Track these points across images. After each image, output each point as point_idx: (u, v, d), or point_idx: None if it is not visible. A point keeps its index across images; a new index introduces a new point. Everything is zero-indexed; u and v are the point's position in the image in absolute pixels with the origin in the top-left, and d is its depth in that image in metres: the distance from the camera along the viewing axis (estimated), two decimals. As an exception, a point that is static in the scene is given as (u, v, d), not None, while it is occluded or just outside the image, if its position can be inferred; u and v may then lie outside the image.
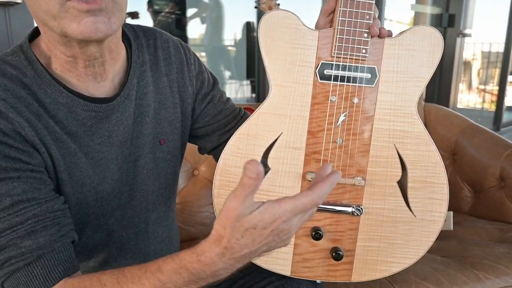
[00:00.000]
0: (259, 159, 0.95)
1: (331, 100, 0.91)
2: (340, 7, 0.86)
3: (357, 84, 0.90)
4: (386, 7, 3.36)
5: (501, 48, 4.65)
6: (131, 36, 0.91)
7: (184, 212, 1.75)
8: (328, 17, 0.91)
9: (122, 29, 0.89)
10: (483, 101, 5.44)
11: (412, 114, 0.92)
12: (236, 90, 3.78)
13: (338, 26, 0.87)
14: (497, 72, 4.93)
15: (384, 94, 0.91)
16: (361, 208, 0.93)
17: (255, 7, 2.10)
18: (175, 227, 1.13)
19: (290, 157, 0.94)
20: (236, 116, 1.08)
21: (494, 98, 4.88)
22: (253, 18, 3.04)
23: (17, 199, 0.71)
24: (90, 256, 0.92)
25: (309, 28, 0.89)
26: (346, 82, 0.90)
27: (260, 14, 2.64)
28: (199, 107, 1.03)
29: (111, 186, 0.88)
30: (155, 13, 2.85)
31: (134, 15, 3.01)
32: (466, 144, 1.87)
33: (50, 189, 0.76)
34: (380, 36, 0.88)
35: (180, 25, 2.90)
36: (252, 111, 1.96)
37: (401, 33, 0.90)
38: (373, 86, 0.90)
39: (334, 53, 0.89)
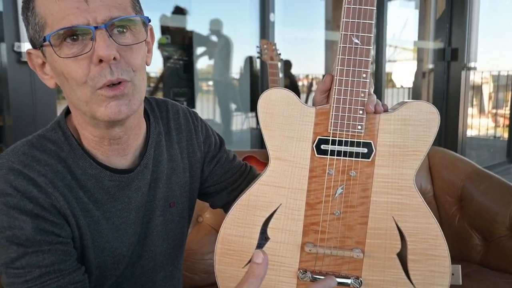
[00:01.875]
0: (258, 229, 0.96)
1: (328, 173, 0.92)
2: (335, 86, 0.88)
3: (353, 159, 0.91)
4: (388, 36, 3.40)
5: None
6: (148, 109, 0.99)
7: (187, 259, 1.75)
8: (324, 94, 0.93)
9: None
10: (496, 125, 5.36)
11: (410, 187, 0.92)
12: (242, 121, 3.84)
13: (333, 103, 0.89)
14: (510, 96, 4.90)
15: (381, 167, 0.92)
16: (361, 280, 0.93)
17: (258, 57, 2.15)
18: (180, 285, 1.15)
19: (289, 228, 0.94)
20: (243, 173, 1.12)
21: (507, 122, 4.81)
22: (254, 53, 3.09)
23: (45, 271, 0.78)
24: None
25: (306, 105, 0.91)
26: (343, 156, 0.91)
27: (262, 64, 2.69)
28: (208, 169, 1.09)
29: (127, 248, 0.94)
30: (164, 59, 2.93)
31: None
32: (473, 190, 1.85)
33: (74, 260, 0.83)
34: (375, 112, 0.89)
35: (187, 70, 2.97)
36: (255, 158, 1.97)
37: (396, 108, 0.91)
38: (369, 160, 0.91)
39: (330, 129, 0.90)
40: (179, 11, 3.08)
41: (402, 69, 4.61)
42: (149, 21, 0.85)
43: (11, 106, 1.83)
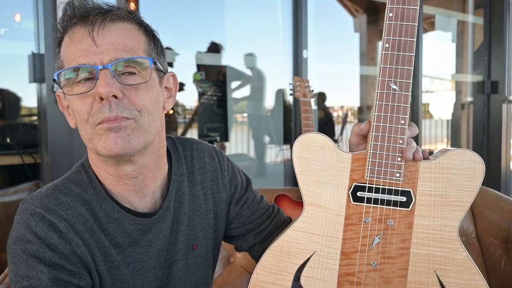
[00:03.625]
0: (291, 276, 0.92)
1: (364, 222, 0.88)
2: (372, 132, 0.85)
3: (391, 207, 0.87)
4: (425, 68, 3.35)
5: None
6: (172, 149, 0.98)
7: (219, 301, 1.71)
8: (360, 137, 0.90)
9: None
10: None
11: (453, 239, 0.87)
12: (276, 154, 3.83)
13: (370, 150, 0.86)
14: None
15: (421, 217, 0.87)
16: (401, 338, 0.87)
17: (290, 94, 2.14)
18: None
19: (323, 277, 0.90)
20: (270, 215, 1.09)
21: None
22: (287, 87, 3.12)
23: None
24: None
25: (342, 151, 0.88)
26: (380, 204, 0.87)
27: (295, 100, 2.69)
28: (234, 210, 1.05)
29: None
30: (199, 94, 2.98)
31: (180, 86, 3.15)
32: (519, 233, 1.74)
33: None
34: (414, 160, 0.85)
35: (221, 105, 3.01)
36: (287, 197, 1.94)
37: (437, 156, 0.87)
38: (408, 209, 0.87)
39: (367, 175, 0.87)
40: (214, 46, 3.14)
41: (439, 101, 4.51)
42: (154, 63, 0.84)
43: (49, 144, 1.88)
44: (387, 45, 0.84)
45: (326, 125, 4.13)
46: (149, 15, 0.88)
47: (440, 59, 4.12)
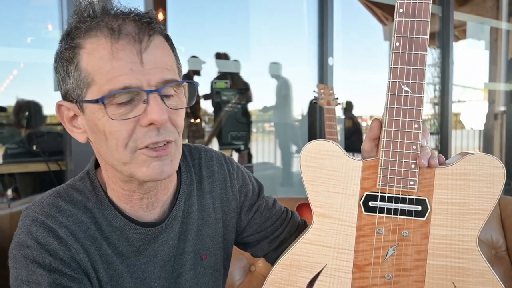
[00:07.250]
0: (302, 290, 0.88)
1: (377, 233, 0.84)
2: (384, 137, 0.81)
3: (405, 217, 0.82)
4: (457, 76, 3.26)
5: None
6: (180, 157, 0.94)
7: (239, 311, 1.68)
8: (374, 142, 0.86)
9: None
10: None
11: (472, 249, 0.82)
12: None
13: (382, 157, 0.82)
14: None
15: (438, 227, 0.82)
16: None
17: (314, 102, 2.11)
18: None
19: (335, 291, 0.86)
20: (283, 221, 1.06)
21: None
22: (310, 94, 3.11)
23: None
24: None
25: (352, 158, 0.85)
26: (394, 214, 0.83)
27: (320, 109, 2.65)
28: (246, 218, 1.03)
29: None
30: (224, 103, 3.00)
31: (207, 96, 3.20)
32: (553, 247, 1.65)
33: None
34: (429, 166, 0.80)
35: (245, 114, 3.01)
36: (308, 206, 1.89)
37: (454, 161, 0.82)
38: (424, 219, 0.82)
39: (379, 184, 0.83)
40: (223, 56, 3.13)
41: (472, 110, 4.37)
42: (198, 85, 0.84)
43: (73, 152, 1.90)
44: (397, 44, 0.80)
45: (353, 134, 4.07)
46: (176, 25, 0.86)
47: (473, 66, 4.01)
